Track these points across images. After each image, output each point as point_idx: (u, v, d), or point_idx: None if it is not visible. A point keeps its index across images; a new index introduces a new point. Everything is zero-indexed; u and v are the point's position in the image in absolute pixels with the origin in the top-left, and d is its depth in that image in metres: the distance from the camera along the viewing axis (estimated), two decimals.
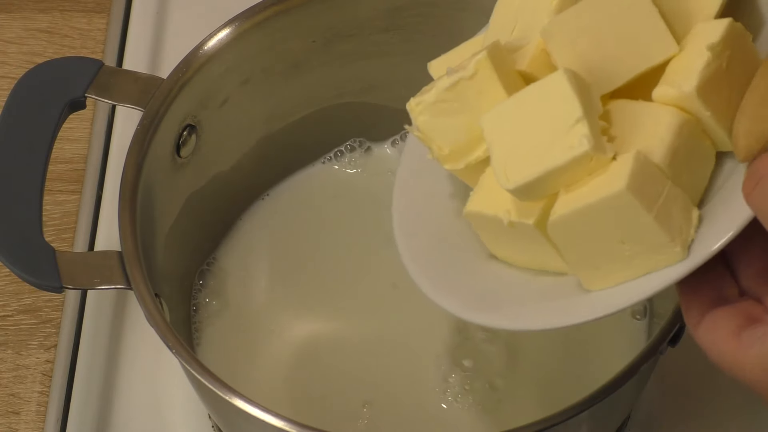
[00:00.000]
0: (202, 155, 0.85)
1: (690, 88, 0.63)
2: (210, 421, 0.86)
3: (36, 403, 0.89)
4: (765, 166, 0.59)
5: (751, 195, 0.59)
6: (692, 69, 0.63)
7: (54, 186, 0.98)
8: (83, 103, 0.80)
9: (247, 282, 0.88)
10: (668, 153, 0.63)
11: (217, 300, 0.87)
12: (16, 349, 0.91)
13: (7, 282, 0.94)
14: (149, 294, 0.73)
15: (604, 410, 0.74)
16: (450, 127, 0.68)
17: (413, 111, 0.68)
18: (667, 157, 0.63)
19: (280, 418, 0.68)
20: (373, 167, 0.92)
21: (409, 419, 0.82)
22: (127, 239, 0.75)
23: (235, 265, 0.88)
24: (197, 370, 0.70)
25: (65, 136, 0.94)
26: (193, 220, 0.86)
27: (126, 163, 0.78)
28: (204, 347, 0.85)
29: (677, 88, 0.64)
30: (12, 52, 1.05)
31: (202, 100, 0.83)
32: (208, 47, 0.82)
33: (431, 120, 0.68)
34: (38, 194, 0.76)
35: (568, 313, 0.65)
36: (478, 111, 0.67)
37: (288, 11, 0.84)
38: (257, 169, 0.90)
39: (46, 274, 0.74)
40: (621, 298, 0.63)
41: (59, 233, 0.96)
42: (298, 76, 0.87)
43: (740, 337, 0.61)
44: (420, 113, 0.68)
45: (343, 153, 0.93)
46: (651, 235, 0.62)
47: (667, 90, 0.64)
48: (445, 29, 0.87)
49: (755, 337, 0.60)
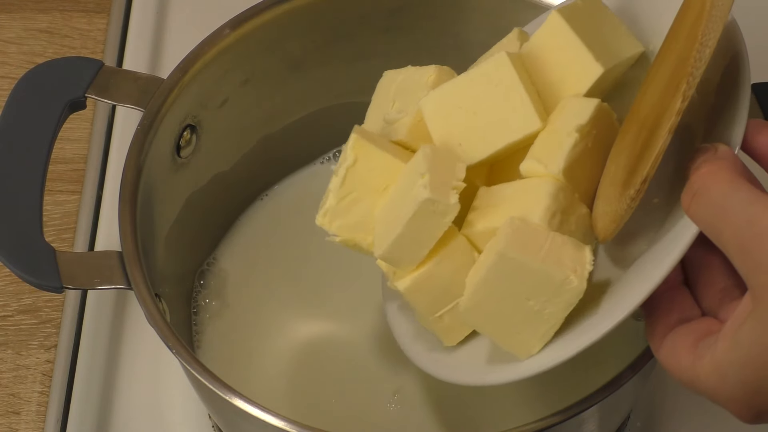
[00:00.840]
0: (202, 155, 0.85)
1: (557, 170, 0.67)
2: (210, 421, 0.86)
3: (36, 403, 0.89)
4: (697, 181, 0.61)
5: (690, 208, 0.61)
6: (560, 149, 0.67)
7: (54, 186, 0.98)
8: (83, 103, 0.80)
9: (247, 282, 0.88)
10: (546, 213, 0.66)
11: (217, 300, 0.87)
12: (16, 349, 0.91)
13: (7, 282, 0.94)
14: (149, 294, 0.73)
15: (604, 410, 0.74)
16: (362, 215, 0.72)
17: (324, 224, 0.72)
18: (545, 217, 0.66)
19: (280, 418, 0.68)
20: None
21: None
22: (127, 239, 0.75)
23: (235, 265, 0.88)
24: (197, 370, 0.70)
25: (65, 136, 0.94)
26: (193, 220, 0.86)
27: (126, 163, 0.78)
28: (204, 347, 0.85)
29: (544, 166, 0.67)
30: (12, 52, 1.05)
31: (202, 100, 0.83)
32: (208, 47, 0.82)
33: (344, 220, 0.72)
34: (38, 194, 0.76)
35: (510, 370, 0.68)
36: (377, 187, 0.71)
37: (288, 11, 0.84)
38: (257, 169, 0.90)
39: (46, 274, 0.74)
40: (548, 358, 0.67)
41: (59, 233, 0.96)
42: (298, 76, 0.87)
43: (696, 349, 0.62)
44: (331, 221, 0.72)
45: None
46: (545, 280, 0.65)
47: (535, 165, 0.68)
48: (445, 29, 0.87)
49: (708, 346, 0.61)
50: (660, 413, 0.86)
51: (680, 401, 0.86)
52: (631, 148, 0.65)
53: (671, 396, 0.86)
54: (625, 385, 0.70)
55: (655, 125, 0.63)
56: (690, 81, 0.61)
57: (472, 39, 0.87)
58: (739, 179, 0.60)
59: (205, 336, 0.86)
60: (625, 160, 0.66)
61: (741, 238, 0.58)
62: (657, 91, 0.65)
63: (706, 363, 0.60)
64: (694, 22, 0.63)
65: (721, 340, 0.60)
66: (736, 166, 0.61)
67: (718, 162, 0.61)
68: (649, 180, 0.62)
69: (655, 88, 0.65)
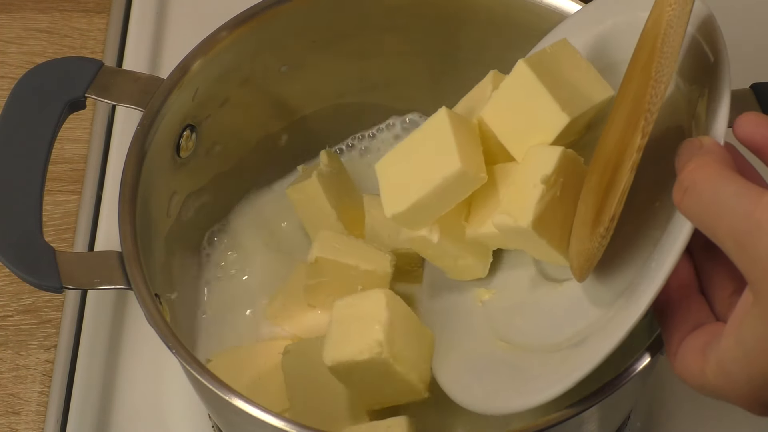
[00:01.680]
0: (202, 155, 0.85)
1: (526, 224, 0.69)
2: (210, 421, 0.86)
3: (36, 403, 0.89)
4: (686, 177, 0.61)
5: (681, 203, 0.61)
6: (527, 202, 0.69)
7: (54, 186, 0.98)
8: (83, 103, 0.80)
9: (247, 282, 0.88)
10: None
11: (218, 300, 0.87)
12: (16, 349, 0.91)
13: (7, 282, 0.94)
14: (149, 294, 0.73)
15: (604, 410, 0.74)
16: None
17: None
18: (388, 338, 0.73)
19: (280, 418, 0.68)
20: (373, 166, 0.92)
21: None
22: (127, 239, 0.75)
23: (236, 264, 0.88)
24: (197, 370, 0.70)
25: (65, 136, 0.94)
26: (193, 220, 0.86)
27: (126, 163, 0.78)
28: (204, 348, 0.85)
29: (514, 219, 0.70)
30: (12, 52, 1.05)
31: (202, 100, 0.83)
32: (207, 47, 0.82)
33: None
34: (38, 194, 0.76)
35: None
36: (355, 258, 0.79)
37: (288, 11, 0.84)
38: (257, 169, 0.90)
39: (46, 274, 0.74)
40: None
41: (59, 233, 0.96)
42: (298, 76, 0.87)
43: (704, 353, 0.61)
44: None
45: (342, 152, 0.93)
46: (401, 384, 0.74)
47: (506, 219, 0.70)
48: (445, 29, 0.87)
49: (712, 348, 0.61)
50: (660, 413, 0.86)
51: (680, 401, 0.86)
52: (597, 188, 0.67)
53: (671, 396, 0.86)
54: (625, 385, 0.70)
55: (618, 163, 0.64)
56: (648, 117, 0.62)
57: (473, 39, 0.87)
58: (727, 171, 0.60)
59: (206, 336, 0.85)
60: (593, 199, 0.67)
61: (736, 233, 0.57)
62: (618, 130, 0.66)
63: (712, 364, 0.60)
64: (647, 60, 0.64)
65: (724, 339, 0.60)
66: (723, 159, 0.61)
67: (705, 156, 0.61)
68: (617, 218, 0.64)
69: (617, 128, 0.67)
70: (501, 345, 0.74)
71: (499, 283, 0.78)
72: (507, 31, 0.85)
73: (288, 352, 0.79)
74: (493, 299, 0.77)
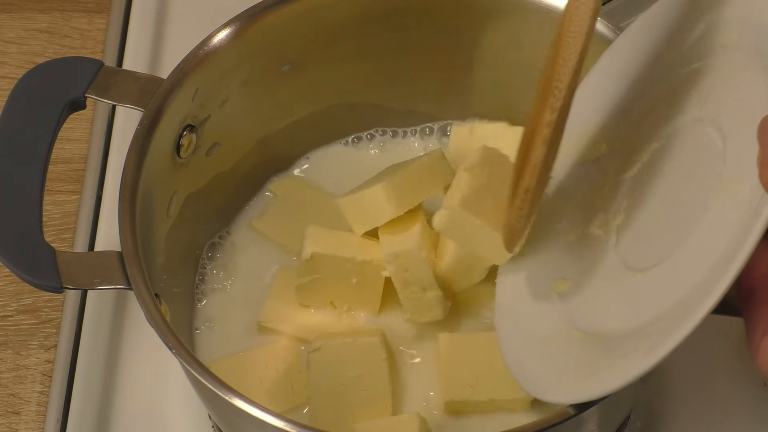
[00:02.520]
0: (202, 155, 0.85)
1: (455, 203, 0.75)
2: (210, 421, 0.86)
3: (36, 403, 0.89)
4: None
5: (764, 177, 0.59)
6: (455, 189, 0.76)
7: (54, 186, 0.98)
8: (83, 103, 0.80)
9: (248, 282, 0.88)
10: None
11: (219, 300, 0.87)
12: (16, 349, 0.91)
13: (7, 282, 0.94)
14: (149, 294, 0.73)
15: (604, 410, 0.74)
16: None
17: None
18: None
19: (280, 418, 0.68)
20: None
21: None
22: (127, 239, 0.75)
23: (236, 264, 0.88)
24: (197, 370, 0.70)
25: (65, 136, 0.94)
26: (194, 220, 0.86)
27: (126, 163, 0.78)
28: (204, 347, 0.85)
29: (446, 206, 0.76)
30: (12, 52, 1.05)
31: (202, 100, 0.83)
32: (208, 47, 0.82)
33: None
34: (38, 194, 0.76)
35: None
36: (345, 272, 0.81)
37: (288, 11, 0.84)
38: (257, 169, 0.90)
39: (46, 274, 0.74)
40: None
41: (59, 233, 0.96)
42: (298, 76, 0.87)
43: None
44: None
45: (342, 152, 0.93)
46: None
47: (441, 213, 0.76)
48: (445, 29, 0.87)
49: None
50: (660, 413, 0.86)
51: (680, 401, 0.86)
52: (516, 164, 0.71)
53: (671, 396, 0.86)
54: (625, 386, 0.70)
55: (531, 139, 0.68)
56: (556, 93, 0.66)
57: (473, 38, 0.87)
58: None
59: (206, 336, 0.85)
60: (514, 175, 0.71)
61: None
62: (534, 110, 0.69)
63: None
64: (557, 40, 0.67)
65: None
66: None
67: None
68: (531, 190, 0.69)
69: (534, 107, 0.69)
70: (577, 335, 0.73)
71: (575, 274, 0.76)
72: (507, 31, 0.85)
73: (317, 350, 0.79)
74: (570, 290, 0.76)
